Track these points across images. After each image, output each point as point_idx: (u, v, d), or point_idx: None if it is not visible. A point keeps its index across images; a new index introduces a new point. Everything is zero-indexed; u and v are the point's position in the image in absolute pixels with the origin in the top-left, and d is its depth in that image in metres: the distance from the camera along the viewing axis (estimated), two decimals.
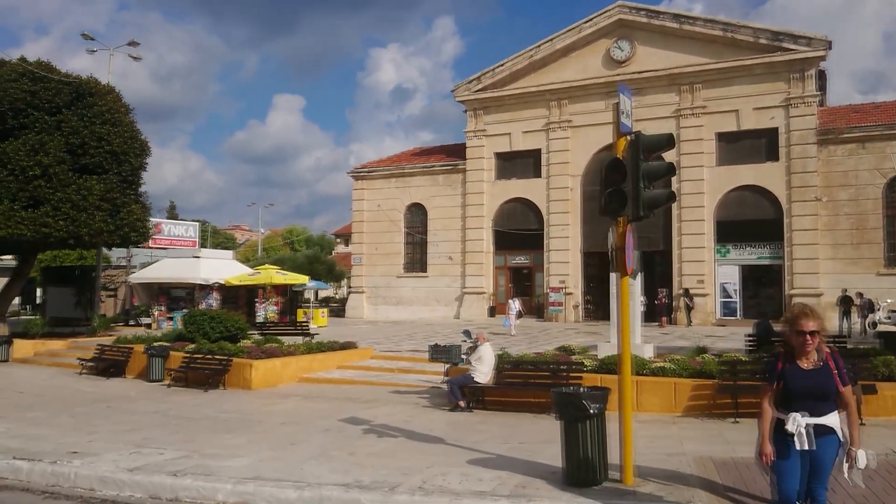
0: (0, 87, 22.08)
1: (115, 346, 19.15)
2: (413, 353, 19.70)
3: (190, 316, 19.11)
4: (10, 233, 21.52)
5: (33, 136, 22.13)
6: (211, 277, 29.58)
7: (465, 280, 36.96)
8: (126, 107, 25.49)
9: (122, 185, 24.23)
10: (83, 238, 23.03)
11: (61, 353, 22.67)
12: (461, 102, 37.73)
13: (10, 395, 14.95)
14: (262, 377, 15.73)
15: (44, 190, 22.00)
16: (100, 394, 15.00)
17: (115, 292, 34.86)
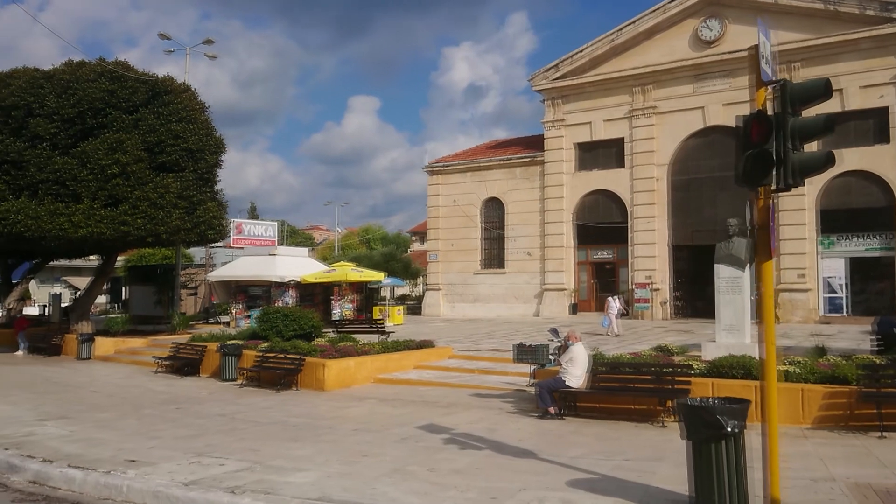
0: (80, 87, 22.20)
1: (189, 345, 18.79)
2: (494, 352, 18.54)
3: (263, 313, 18.55)
4: (92, 231, 21.57)
5: (112, 135, 22.15)
6: (287, 275, 29.23)
7: (544, 276, 35.50)
8: (201, 104, 25.34)
9: (198, 183, 24.06)
10: (161, 236, 22.93)
11: (141, 350, 22.63)
12: (539, 92, 36.25)
13: (85, 395, 14.64)
14: (336, 378, 14.90)
15: (122, 188, 21.97)
16: (171, 394, 14.50)
17: (196, 290, 35.15)
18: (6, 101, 21.80)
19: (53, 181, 21.71)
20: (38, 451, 8.95)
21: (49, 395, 14.43)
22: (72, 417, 11.63)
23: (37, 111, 21.90)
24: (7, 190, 21.78)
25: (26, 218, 21.14)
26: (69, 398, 14.07)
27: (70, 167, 21.64)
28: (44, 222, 21.25)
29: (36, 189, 21.79)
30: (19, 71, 22.98)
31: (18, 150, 21.59)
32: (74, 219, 21.42)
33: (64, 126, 22.09)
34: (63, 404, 13.23)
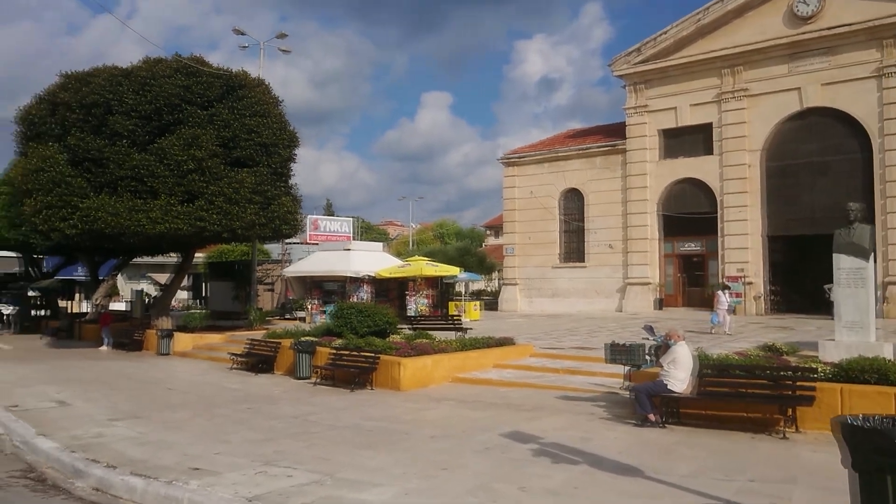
0: (157, 84, 22.23)
1: (263, 342, 18.44)
2: (578, 350, 17.42)
3: (338, 309, 18.01)
4: (169, 227, 21.57)
5: (187, 131, 22.09)
6: (361, 270, 28.82)
7: (627, 270, 33.92)
8: (275, 99, 25.11)
9: (272, 178, 23.83)
10: (236, 231, 22.80)
11: (218, 346, 22.56)
12: (620, 77, 34.63)
13: (160, 392, 14.38)
14: (412, 377, 14.13)
15: (198, 184, 21.89)
16: (244, 393, 14.06)
17: (273, 286, 35.28)
18: (87, 98, 22.05)
19: (132, 178, 21.82)
20: (104, 455, 8.50)
21: (125, 392, 14.24)
22: (143, 417, 11.26)
23: (116, 108, 22.05)
24: (89, 187, 22.03)
25: (106, 215, 21.31)
26: (144, 395, 13.82)
27: (148, 163, 21.70)
28: (123, 219, 21.38)
29: (116, 186, 21.96)
30: (99, 70, 23.24)
31: (99, 148, 21.80)
32: (152, 215, 21.47)
33: (142, 123, 22.18)
34: (137, 402, 12.95)
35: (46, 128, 22.87)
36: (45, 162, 21.69)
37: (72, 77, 22.73)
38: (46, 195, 21.61)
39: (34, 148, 22.38)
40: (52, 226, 21.95)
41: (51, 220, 21.81)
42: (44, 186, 21.59)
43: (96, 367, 19.18)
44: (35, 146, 22.46)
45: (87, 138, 21.90)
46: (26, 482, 8.02)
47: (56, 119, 22.63)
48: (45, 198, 21.63)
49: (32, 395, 14.06)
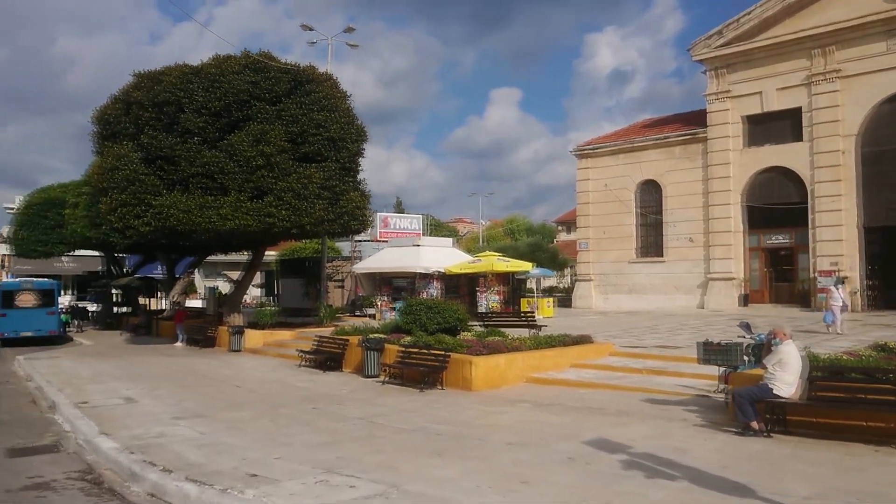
0: (226, 80, 22.18)
1: (331, 338, 18.04)
2: (661, 349, 16.28)
3: (406, 306, 17.42)
4: (239, 224, 21.48)
5: (256, 126, 21.96)
6: (431, 266, 28.25)
7: (709, 264, 32.20)
8: (343, 93, 24.75)
9: (340, 173, 23.48)
10: (305, 227, 22.54)
11: (287, 343, 22.38)
12: (700, 62, 32.89)
13: (227, 390, 14.09)
14: (484, 376, 13.38)
15: (267, 180, 21.73)
16: (310, 391, 13.61)
17: (343, 283, 35.17)
18: (158, 97, 22.21)
19: (203, 175, 21.85)
20: (161, 458, 8.09)
21: (192, 390, 14.02)
22: (206, 416, 10.90)
23: (187, 106, 22.13)
24: (161, 185, 22.19)
25: (178, 212, 21.39)
26: (210, 393, 13.54)
27: (218, 160, 21.68)
28: (194, 215, 21.41)
29: (187, 183, 22.03)
30: (171, 68, 23.39)
31: (170, 145, 21.91)
32: (222, 211, 21.43)
33: (212, 119, 22.18)
34: (203, 400, 12.66)
35: (121, 127, 23.17)
36: (120, 160, 21.94)
37: (144, 76, 22.95)
38: (121, 193, 21.86)
39: (109, 147, 22.71)
40: (126, 223, 22.20)
41: (126, 218, 22.06)
42: (119, 184, 21.85)
43: (168, 364, 19.21)
44: (110, 145, 22.79)
45: (159, 136, 22.04)
46: (82, 485, 7.67)
47: (130, 118, 22.89)
48: (119, 196, 21.88)
49: (103, 391, 14.01)
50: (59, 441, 9.93)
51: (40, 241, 36.79)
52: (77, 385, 15.00)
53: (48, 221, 36.71)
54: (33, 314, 29.09)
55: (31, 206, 37.50)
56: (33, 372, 17.92)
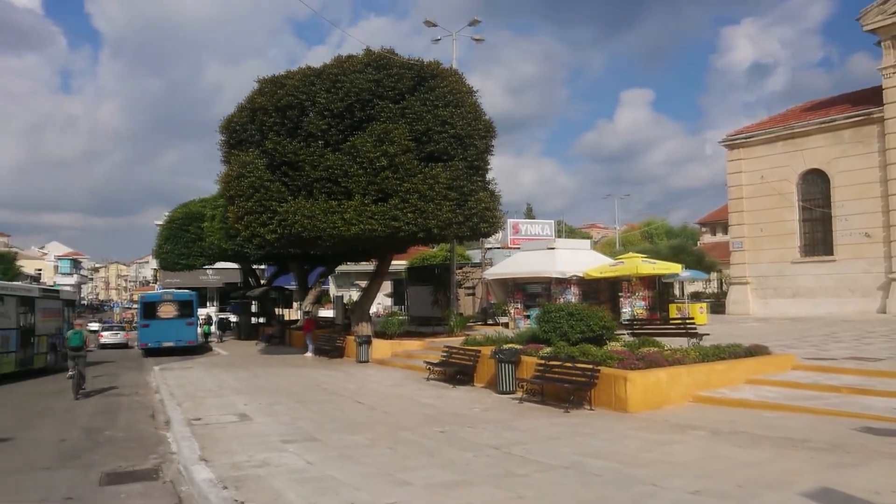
0: (347, 80, 21.29)
1: (462, 349, 16.41)
2: (857, 361, 13.34)
3: (544, 312, 15.44)
4: (363, 228, 20.44)
5: (379, 126, 20.89)
6: (568, 270, 26.09)
7: (891, 263, 27.80)
8: (469, 88, 23.22)
9: (468, 172, 21.95)
10: (432, 230, 21.14)
11: (416, 354, 21.05)
12: (871, 32, 28.60)
13: (347, 407, 12.76)
14: (642, 395, 11.20)
15: (391, 181, 20.57)
16: (437, 410, 11.98)
17: (473, 290, 33.65)
18: (281, 101, 21.68)
19: (326, 179, 21.04)
20: (257, 496, 6.68)
21: (311, 406, 12.79)
22: (319, 440, 9.51)
23: (309, 108, 21.45)
24: (286, 191, 21.62)
25: (302, 218, 20.68)
26: (328, 410, 12.24)
27: (341, 163, 20.79)
28: (318, 221, 20.61)
29: (311, 188, 21.32)
30: (293, 72, 22.87)
31: (294, 150, 21.29)
32: (346, 216, 20.48)
33: (334, 121, 21.36)
34: (319, 418, 11.35)
35: (247, 134, 22.89)
36: (245, 168, 21.57)
37: (267, 81, 22.52)
38: (247, 201, 21.46)
39: (236, 155, 22.44)
40: (253, 231, 21.79)
41: (252, 226, 21.64)
42: (244, 192, 21.46)
43: (293, 376, 18.35)
44: (237, 153, 22.53)
45: (282, 141, 21.48)
46: None
47: (255, 125, 22.55)
48: (245, 203, 21.50)
49: (220, 406, 13.11)
50: (161, 466, 8.86)
51: (182, 254, 38.04)
52: (197, 398, 14.26)
53: (189, 235, 37.91)
54: (174, 325, 29.70)
55: (174, 221, 38.92)
56: (162, 383, 17.59)
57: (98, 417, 12.85)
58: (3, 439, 10.72)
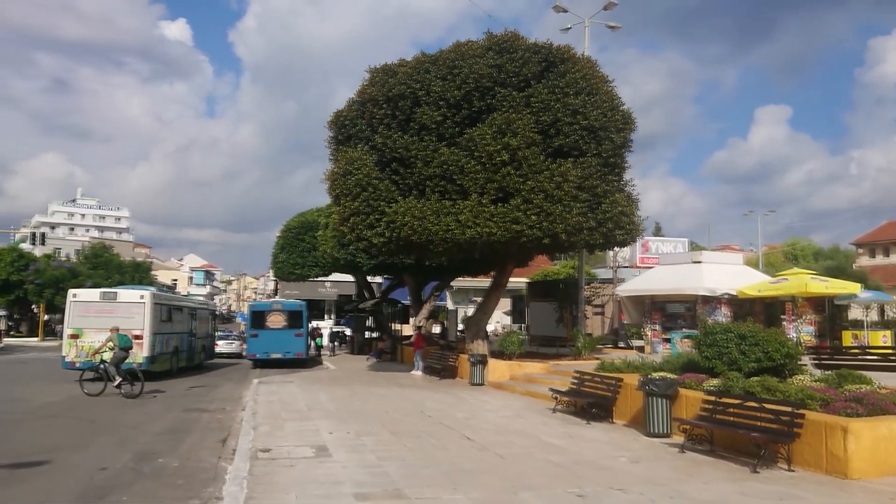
0: (465, 65, 18.90)
1: (597, 377, 13.35)
2: None
3: (706, 334, 12.08)
4: (480, 232, 17.87)
5: (500, 116, 18.32)
6: (718, 287, 22.32)
7: None
8: (603, 76, 20.26)
9: (602, 170, 18.95)
10: (559, 236, 18.22)
11: (537, 378, 18.13)
12: None
13: (451, 444, 10.08)
14: (871, 454, 7.80)
15: (513, 179, 17.92)
16: (570, 457, 9.05)
17: (602, 309, 30.22)
18: (392, 90, 19.60)
19: (440, 176, 18.68)
20: None
21: (406, 440, 10.21)
22: (406, 497, 6.88)
23: (422, 99, 19.22)
24: (395, 190, 19.45)
25: (412, 219, 18.39)
26: (428, 448, 9.61)
27: (457, 158, 18.37)
28: (430, 223, 18.25)
29: (423, 187, 19.02)
30: (406, 61, 20.79)
31: (405, 145, 19.10)
32: (461, 217, 17.99)
33: (450, 112, 19.01)
34: (413, 460, 8.75)
35: (356, 130, 20.95)
36: (352, 164, 19.60)
37: (378, 70, 20.52)
38: (353, 200, 19.46)
39: (343, 151, 20.55)
40: (359, 234, 19.76)
41: (358, 228, 19.61)
42: (351, 191, 19.48)
43: (395, 398, 15.94)
44: (344, 150, 20.64)
45: (393, 135, 19.35)
46: None
47: (364, 119, 20.59)
48: (351, 203, 19.50)
49: (300, 432, 10.82)
50: None
51: (297, 263, 37.02)
52: (279, 421, 12.08)
53: (304, 244, 36.86)
54: (282, 336, 28.31)
55: (290, 230, 38.04)
56: (252, 399, 15.71)
57: (162, 438, 10.90)
58: (37, 463, 8.87)
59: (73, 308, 21.84)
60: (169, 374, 23.13)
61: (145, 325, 21.53)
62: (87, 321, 21.31)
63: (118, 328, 18.15)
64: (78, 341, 21.23)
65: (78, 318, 21.53)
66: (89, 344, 20.39)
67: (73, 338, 21.39)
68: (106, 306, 21.71)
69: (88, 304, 21.84)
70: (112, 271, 55.78)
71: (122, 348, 17.12)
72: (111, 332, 17.81)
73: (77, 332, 21.36)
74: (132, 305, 21.74)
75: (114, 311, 21.42)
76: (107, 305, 21.79)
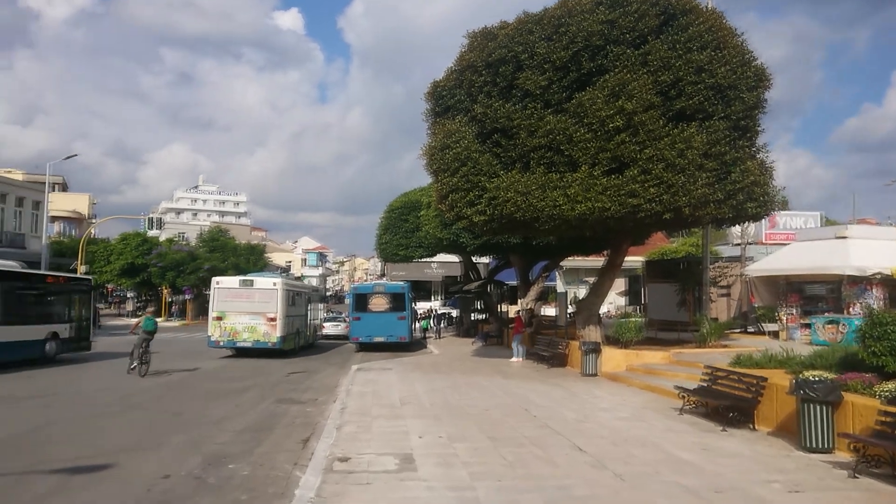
0: (573, 23, 17.01)
1: (733, 373, 11.37)
2: None
3: (874, 324, 9.83)
4: (591, 207, 16.08)
5: (613, 78, 16.36)
6: (868, 266, 19.42)
7: None
8: (731, 29, 17.77)
9: (731, 134, 16.61)
10: (682, 210, 16.15)
11: (658, 369, 16.21)
12: None
13: (560, 456, 8.56)
14: None
15: (628, 147, 15.98)
16: (708, 481, 7.30)
17: (729, 290, 27.50)
18: (493, 55, 18.00)
19: (546, 147, 16.96)
20: None
21: (506, 450, 8.77)
22: None
23: (526, 62, 17.51)
24: (497, 164, 17.90)
25: (516, 195, 16.82)
26: (531, 461, 8.13)
27: (564, 127, 16.59)
28: (535, 198, 16.62)
29: (527, 159, 17.38)
30: (507, 23, 19.09)
31: (508, 114, 17.48)
32: (570, 191, 16.25)
33: (556, 76, 17.20)
34: (512, 479, 7.30)
35: (454, 100, 19.49)
36: (450, 137, 18.22)
37: (477, 34, 18.93)
38: (452, 176, 18.11)
39: (441, 124, 19.20)
40: (458, 212, 18.41)
41: (457, 206, 18.26)
42: (449, 166, 18.13)
43: (497, 391, 14.53)
44: (442, 122, 19.28)
45: (494, 104, 17.77)
46: None
47: (463, 88, 19.10)
48: (450, 179, 18.16)
49: (388, 435, 9.62)
50: None
51: (400, 244, 36.25)
52: (367, 419, 10.97)
53: (407, 225, 36.02)
54: (385, 319, 27.58)
55: (393, 211, 37.31)
56: (346, 389, 14.79)
57: (242, 437, 10.01)
58: (98, 468, 8.09)
59: (216, 293, 23.73)
60: (293, 352, 24.92)
61: (278, 309, 23.23)
62: (229, 305, 23.27)
63: (151, 311, 21.62)
64: (221, 323, 23.25)
65: (221, 303, 23.40)
66: (231, 325, 23.05)
67: (218, 320, 23.31)
68: (243, 292, 23.64)
69: (229, 290, 23.74)
70: (228, 254, 57.45)
71: (146, 331, 18.16)
72: (144, 314, 19.94)
73: (221, 315, 23.32)
74: (266, 291, 23.58)
75: (251, 296, 23.50)
76: (244, 291, 23.68)
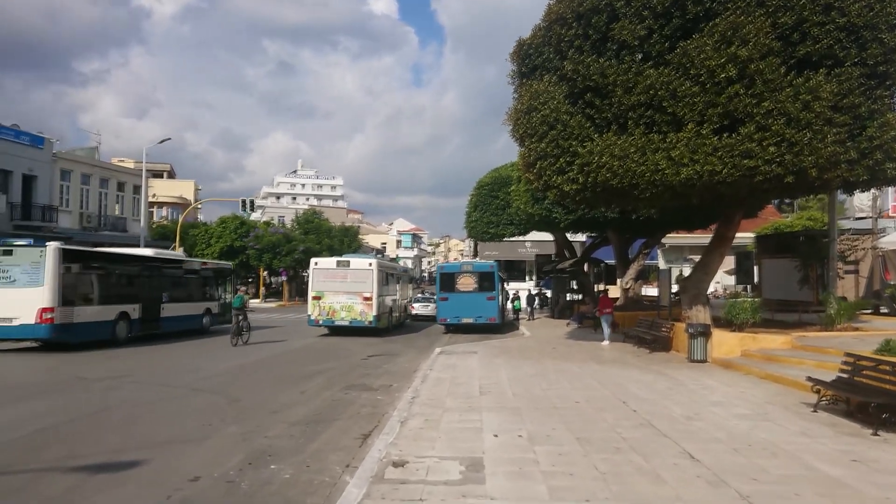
0: None
1: (882, 363, 9.28)
2: None
3: None
4: (699, 170, 14.09)
5: (723, 23, 14.20)
6: None
7: None
8: None
9: (867, 83, 14.12)
10: (808, 172, 13.88)
11: (779, 355, 14.07)
12: None
13: (665, 466, 6.93)
14: None
15: (742, 100, 13.83)
16: None
17: (857, 266, 24.43)
18: (584, 4, 16.09)
19: (646, 105, 15.00)
20: None
21: (598, 457, 7.21)
22: None
23: (621, 11, 15.53)
24: (591, 126, 16.08)
25: (611, 159, 15.00)
26: (630, 475, 6.53)
27: (667, 80, 14.57)
28: (633, 163, 14.75)
29: (624, 120, 15.48)
30: None
31: (601, 70, 15.59)
32: (674, 153, 14.28)
33: (657, 24, 15.17)
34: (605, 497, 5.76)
35: (542, 59, 17.74)
36: (537, 99, 16.54)
37: None
38: (539, 141, 16.45)
39: (527, 85, 17.52)
40: (547, 181, 16.74)
41: (545, 174, 16.60)
42: (536, 130, 16.48)
43: (590, 381, 12.86)
44: (528, 83, 17.59)
45: (586, 60, 15.91)
46: None
47: (551, 45, 17.32)
48: (537, 145, 16.51)
49: (457, 433, 8.25)
50: None
51: (490, 222, 34.86)
52: (438, 412, 9.64)
53: (497, 202, 34.55)
54: (473, 299, 26.28)
55: (483, 187, 35.89)
56: (423, 375, 13.56)
57: (296, 430, 8.92)
58: (128, 465, 7.14)
59: (314, 274, 24.54)
60: (387, 331, 25.59)
61: (373, 289, 24.01)
62: (327, 285, 24.13)
63: (243, 290, 21.84)
64: (320, 302, 24.12)
65: (319, 283, 24.27)
66: (329, 304, 23.91)
67: (316, 299, 24.17)
68: (340, 272, 24.42)
69: (327, 270, 24.57)
70: (322, 236, 57.80)
71: (234, 308, 19.42)
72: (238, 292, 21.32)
73: (319, 295, 24.19)
74: (362, 272, 24.26)
75: (347, 276, 24.25)
76: (340, 271, 24.47)
